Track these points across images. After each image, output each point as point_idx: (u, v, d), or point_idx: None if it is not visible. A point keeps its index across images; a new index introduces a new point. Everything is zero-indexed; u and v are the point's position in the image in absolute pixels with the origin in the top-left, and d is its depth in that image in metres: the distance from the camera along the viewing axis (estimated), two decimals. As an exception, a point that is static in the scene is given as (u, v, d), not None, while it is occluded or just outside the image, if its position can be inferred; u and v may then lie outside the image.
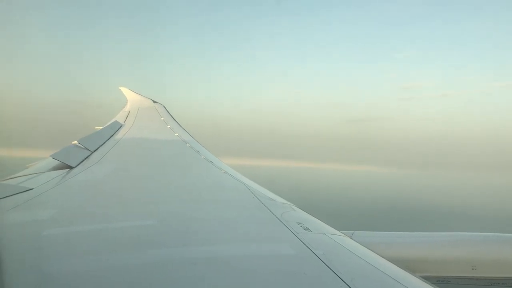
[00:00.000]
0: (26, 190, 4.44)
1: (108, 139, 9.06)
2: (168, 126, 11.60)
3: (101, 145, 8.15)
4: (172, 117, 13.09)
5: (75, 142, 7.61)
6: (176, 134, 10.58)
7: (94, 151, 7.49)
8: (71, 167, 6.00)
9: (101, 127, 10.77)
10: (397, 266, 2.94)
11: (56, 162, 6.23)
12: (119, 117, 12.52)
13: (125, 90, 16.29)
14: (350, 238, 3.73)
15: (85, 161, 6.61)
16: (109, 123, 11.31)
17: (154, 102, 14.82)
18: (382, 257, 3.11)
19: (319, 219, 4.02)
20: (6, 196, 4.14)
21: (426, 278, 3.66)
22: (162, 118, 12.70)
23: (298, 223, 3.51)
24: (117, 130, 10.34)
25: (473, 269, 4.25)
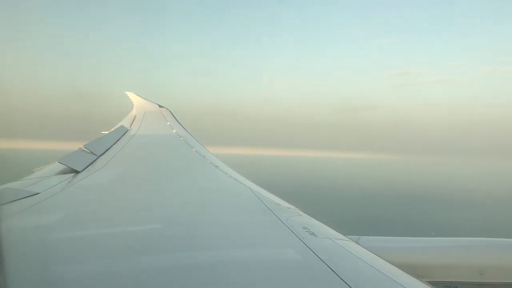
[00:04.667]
0: (33, 195, 4.47)
1: (114, 143, 9.10)
2: (174, 131, 11.63)
3: (107, 150, 8.19)
4: (178, 121, 13.12)
5: (82, 146, 7.65)
6: (182, 138, 10.61)
7: (100, 155, 7.52)
8: (77, 172, 6.03)
9: (107, 132, 10.83)
10: (404, 271, 2.92)
11: (62, 167, 6.26)
12: (125, 122, 12.57)
13: (131, 95, 16.35)
14: (356, 243, 3.71)
15: (91, 165, 6.63)
16: (115, 128, 11.36)
17: (160, 106, 14.86)
18: (388, 262, 3.08)
19: (324, 224, 4.00)
20: (13, 200, 4.17)
21: (433, 284, 3.62)
22: (168, 123, 12.75)
23: (304, 228, 3.50)
24: (123, 135, 10.38)
25: (480, 274, 4.21)
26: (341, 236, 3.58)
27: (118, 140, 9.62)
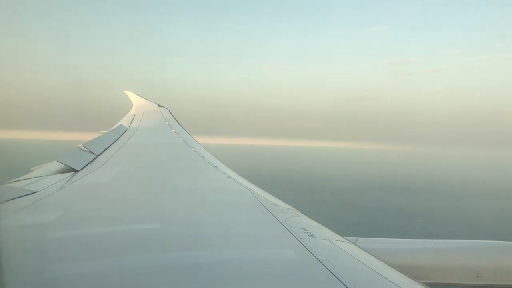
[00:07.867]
0: (31, 193, 4.47)
1: (113, 143, 9.10)
2: (173, 130, 11.63)
3: (106, 149, 8.19)
4: (177, 121, 13.12)
5: (80, 145, 7.65)
6: (181, 138, 10.61)
7: (99, 154, 7.52)
8: (75, 171, 6.02)
9: (106, 131, 10.83)
10: (401, 273, 2.93)
11: (61, 166, 6.26)
12: (124, 121, 12.57)
13: (130, 94, 16.35)
14: (354, 244, 3.72)
15: (89, 164, 6.63)
16: (114, 127, 11.36)
17: (160, 106, 14.86)
18: (386, 263, 3.09)
19: (323, 225, 4.01)
20: (11, 199, 4.16)
21: (431, 286, 3.62)
22: (167, 122, 12.74)
23: (302, 229, 3.51)
24: (122, 134, 10.38)
25: (478, 276, 4.21)
26: (339, 237, 3.59)
27: (117, 139, 9.62)
